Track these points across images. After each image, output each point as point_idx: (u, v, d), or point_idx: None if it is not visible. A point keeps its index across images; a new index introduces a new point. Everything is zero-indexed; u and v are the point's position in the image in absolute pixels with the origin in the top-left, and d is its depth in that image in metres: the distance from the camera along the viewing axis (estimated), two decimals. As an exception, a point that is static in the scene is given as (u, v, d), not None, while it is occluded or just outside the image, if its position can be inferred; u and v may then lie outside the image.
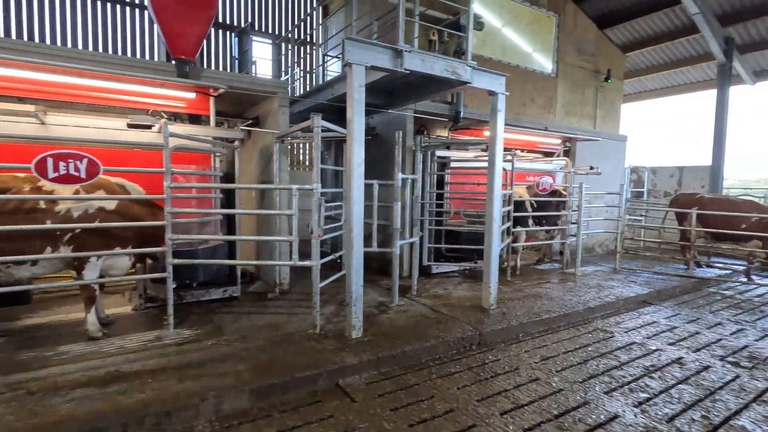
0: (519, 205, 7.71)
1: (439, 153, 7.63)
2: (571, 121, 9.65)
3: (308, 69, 11.82)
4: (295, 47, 10.52)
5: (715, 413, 3.27)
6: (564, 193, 8.07)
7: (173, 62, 5.11)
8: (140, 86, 4.91)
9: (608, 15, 11.14)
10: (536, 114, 8.98)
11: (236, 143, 5.48)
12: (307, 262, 4.33)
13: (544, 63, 9.17)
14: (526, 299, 5.95)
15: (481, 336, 4.63)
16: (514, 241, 7.70)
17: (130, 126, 4.60)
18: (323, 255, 5.28)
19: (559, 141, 9.56)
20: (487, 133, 7.17)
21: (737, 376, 3.93)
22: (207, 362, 3.63)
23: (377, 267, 7.33)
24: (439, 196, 7.42)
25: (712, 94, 11.11)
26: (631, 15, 11.11)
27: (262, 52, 11.66)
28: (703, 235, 8.39)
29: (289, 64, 9.39)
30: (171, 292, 4.26)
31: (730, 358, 4.34)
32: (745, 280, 7.90)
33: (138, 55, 10.67)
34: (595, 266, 8.70)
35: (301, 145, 14.41)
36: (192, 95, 5.13)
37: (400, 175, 5.33)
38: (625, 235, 10.92)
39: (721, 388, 3.70)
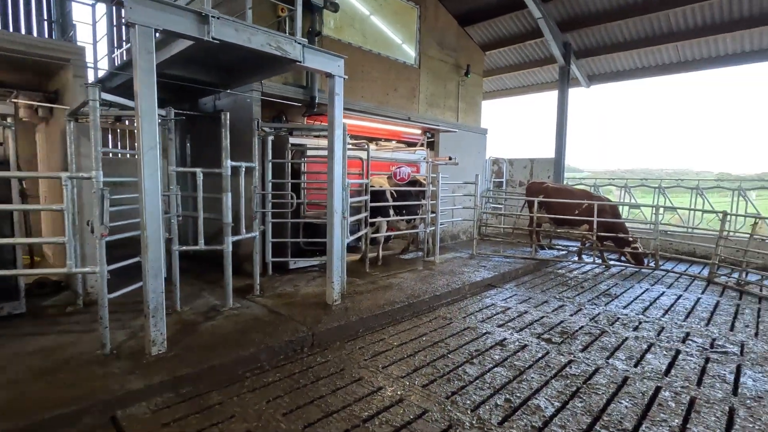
0: (379, 195, 7.61)
1: (296, 141, 7.14)
2: (435, 113, 9.91)
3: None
4: (113, 8, 9.04)
5: (518, 394, 3.36)
6: (423, 182, 8.20)
7: None
8: None
9: (468, 13, 11.69)
10: (400, 104, 8.98)
11: (9, 121, 4.32)
12: (88, 269, 3.52)
13: (408, 53, 9.21)
14: (376, 291, 5.81)
15: (314, 336, 4.29)
16: (375, 231, 7.60)
17: None
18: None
19: (421, 131, 9.76)
20: (348, 122, 6.86)
21: (547, 353, 4.19)
22: None
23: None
24: (296, 187, 6.93)
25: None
26: (488, 15, 11.82)
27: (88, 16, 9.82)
28: (548, 221, 9.28)
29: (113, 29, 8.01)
30: None
31: (545, 335, 4.65)
32: (576, 259, 8.90)
33: None
34: (456, 252, 9.07)
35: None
36: None
37: (228, 162, 4.71)
38: (488, 222, 11.76)
39: (530, 367, 3.87)
